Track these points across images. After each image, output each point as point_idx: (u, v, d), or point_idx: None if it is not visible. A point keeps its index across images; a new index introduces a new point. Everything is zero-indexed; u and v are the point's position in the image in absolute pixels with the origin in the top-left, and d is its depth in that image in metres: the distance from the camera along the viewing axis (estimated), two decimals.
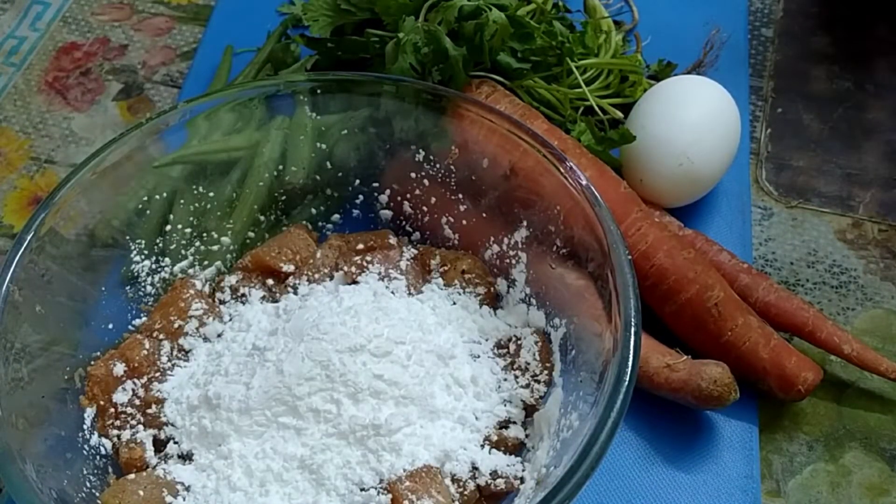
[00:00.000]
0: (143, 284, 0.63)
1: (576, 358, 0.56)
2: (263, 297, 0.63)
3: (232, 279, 0.64)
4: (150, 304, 0.63)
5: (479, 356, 0.60)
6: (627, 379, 0.48)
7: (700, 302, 0.62)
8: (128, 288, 0.62)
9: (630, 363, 0.48)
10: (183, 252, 0.64)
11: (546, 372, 0.58)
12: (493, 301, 0.63)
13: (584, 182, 0.56)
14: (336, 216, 0.68)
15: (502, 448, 0.56)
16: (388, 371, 0.54)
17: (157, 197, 0.64)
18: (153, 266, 0.63)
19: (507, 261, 0.63)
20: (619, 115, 0.73)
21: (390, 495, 0.52)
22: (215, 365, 0.58)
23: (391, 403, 0.54)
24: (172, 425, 0.57)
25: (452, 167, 0.64)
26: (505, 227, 0.63)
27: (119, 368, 0.57)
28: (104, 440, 0.56)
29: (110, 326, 0.61)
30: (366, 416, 0.53)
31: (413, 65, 0.66)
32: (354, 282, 0.63)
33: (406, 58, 0.66)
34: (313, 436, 0.53)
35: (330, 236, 0.67)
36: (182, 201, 0.64)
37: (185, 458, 0.56)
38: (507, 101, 0.68)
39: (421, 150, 0.64)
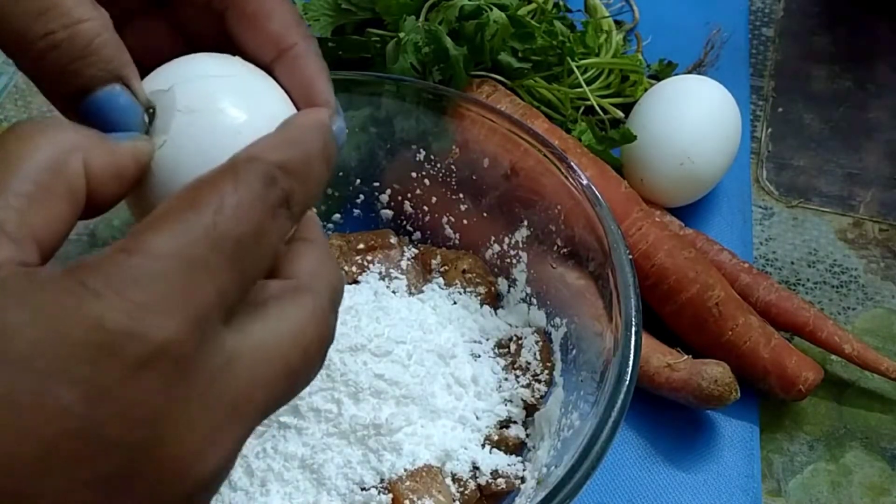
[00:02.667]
0: None
1: (577, 357, 0.56)
2: None
3: None
4: None
5: (479, 356, 0.60)
6: (628, 378, 0.48)
7: (701, 301, 0.62)
8: None
9: (631, 363, 0.48)
10: None
11: (547, 371, 0.58)
12: (494, 301, 0.63)
13: (584, 182, 0.56)
14: (337, 216, 0.68)
15: (503, 448, 0.56)
16: (388, 370, 0.54)
17: None
18: None
19: (508, 260, 0.63)
20: (620, 114, 0.73)
21: (391, 495, 0.52)
22: None
23: (392, 403, 0.54)
24: None
25: (453, 167, 0.64)
26: (506, 227, 0.63)
27: None
28: None
29: None
30: (366, 416, 0.53)
31: (414, 64, 0.66)
32: (355, 281, 0.63)
33: (407, 57, 0.66)
34: (314, 435, 0.53)
35: (330, 236, 0.67)
36: None
37: None
38: (507, 101, 0.68)
39: (422, 150, 0.64)
